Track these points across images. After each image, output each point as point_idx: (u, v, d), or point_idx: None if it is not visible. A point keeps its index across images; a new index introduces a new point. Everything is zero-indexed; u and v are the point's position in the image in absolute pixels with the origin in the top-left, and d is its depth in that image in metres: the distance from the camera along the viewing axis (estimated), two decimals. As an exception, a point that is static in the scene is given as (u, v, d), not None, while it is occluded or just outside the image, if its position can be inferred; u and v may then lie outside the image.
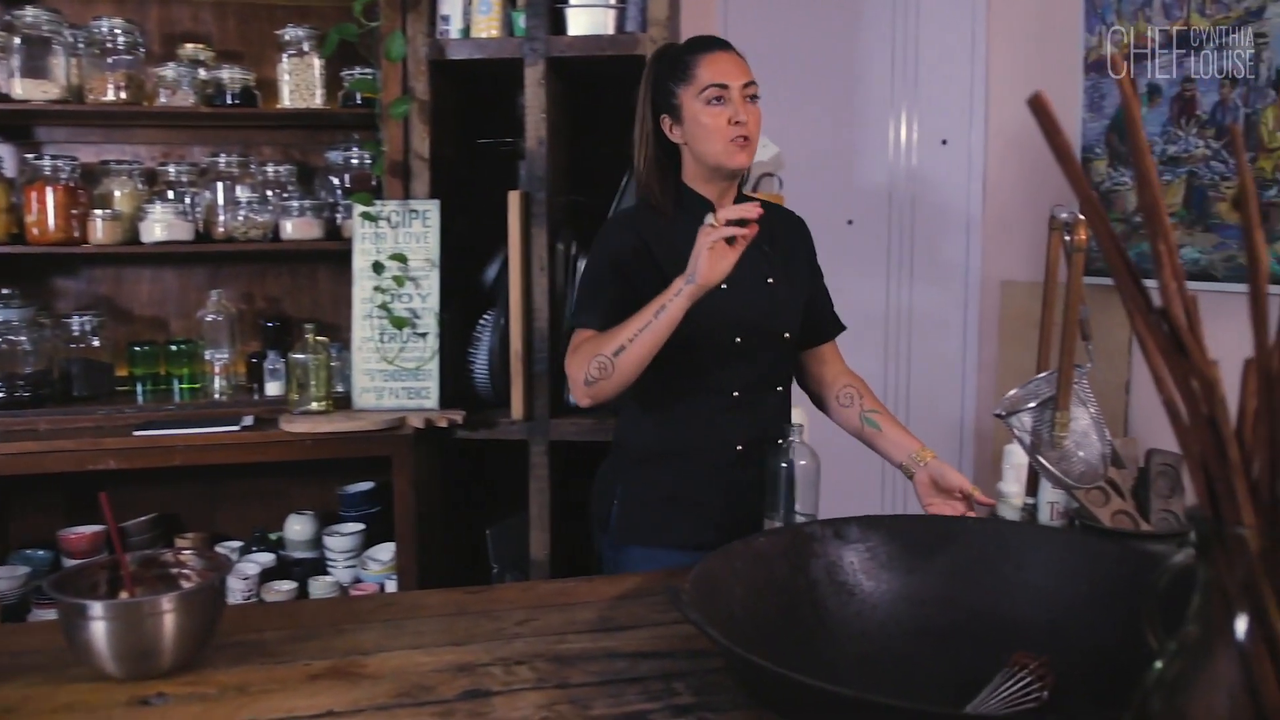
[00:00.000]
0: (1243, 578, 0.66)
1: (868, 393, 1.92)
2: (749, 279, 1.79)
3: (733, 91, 1.74)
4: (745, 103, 1.75)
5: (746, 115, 1.74)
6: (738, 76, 1.75)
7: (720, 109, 1.74)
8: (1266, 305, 0.67)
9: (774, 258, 1.85)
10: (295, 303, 3.00)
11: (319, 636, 1.31)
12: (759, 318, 1.80)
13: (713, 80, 1.74)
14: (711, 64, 1.76)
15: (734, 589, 1.32)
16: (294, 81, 2.72)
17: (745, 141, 1.74)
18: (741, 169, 1.79)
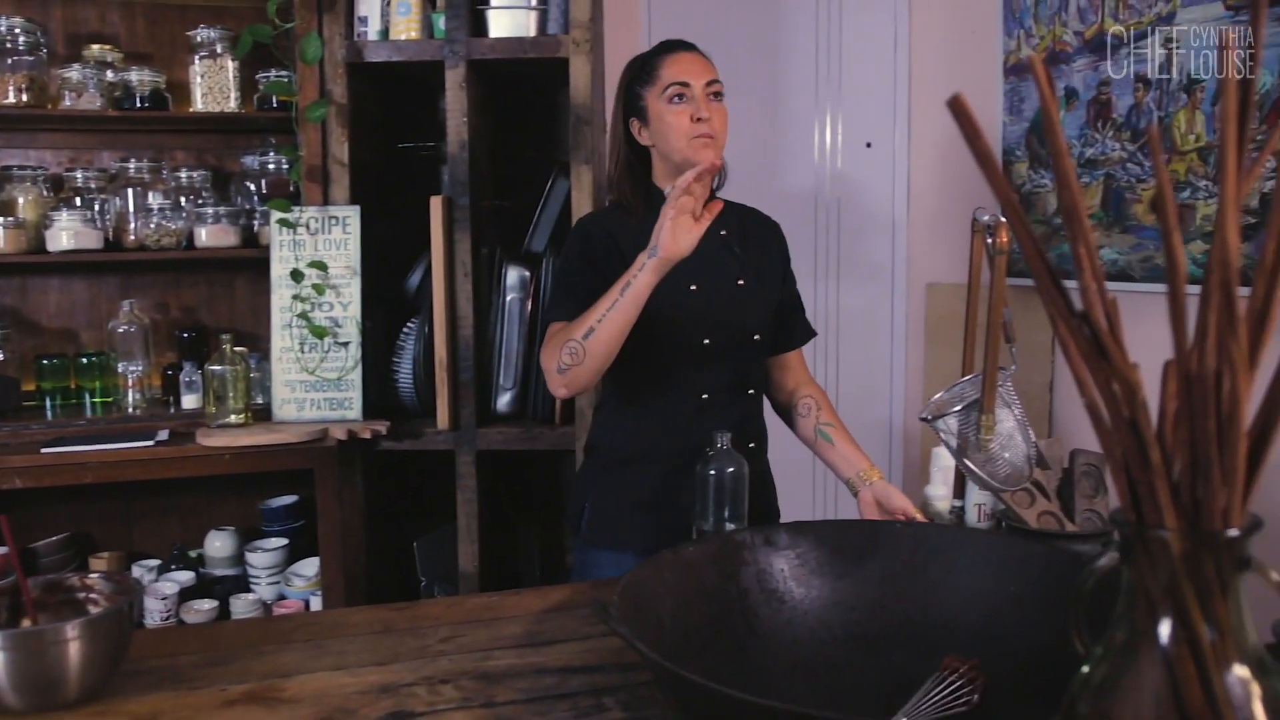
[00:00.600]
0: (1165, 580, 0.66)
1: (826, 405, 1.93)
2: (719, 279, 1.80)
3: (694, 89, 1.75)
4: (709, 100, 1.76)
5: (710, 113, 1.75)
6: (700, 75, 1.76)
7: (682, 107, 1.75)
8: (1185, 307, 0.67)
9: (745, 259, 1.85)
10: (212, 312, 2.91)
11: (236, 660, 1.26)
12: (729, 318, 1.80)
13: (674, 79, 1.76)
14: (673, 64, 1.78)
15: (663, 600, 1.31)
16: (207, 84, 2.63)
17: (710, 139, 1.75)
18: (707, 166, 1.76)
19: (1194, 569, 0.66)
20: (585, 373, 1.62)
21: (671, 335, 1.75)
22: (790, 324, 1.95)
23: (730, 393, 1.82)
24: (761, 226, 1.96)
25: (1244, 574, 0.67)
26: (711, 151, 1.75)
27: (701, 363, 1.78)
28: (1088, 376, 0.71)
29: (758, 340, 1.83)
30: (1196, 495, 0.67)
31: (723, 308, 1.79)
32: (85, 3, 2.75)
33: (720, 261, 1.82)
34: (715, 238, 1.80)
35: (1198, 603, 0.65)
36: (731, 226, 1.87)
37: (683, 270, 1.71)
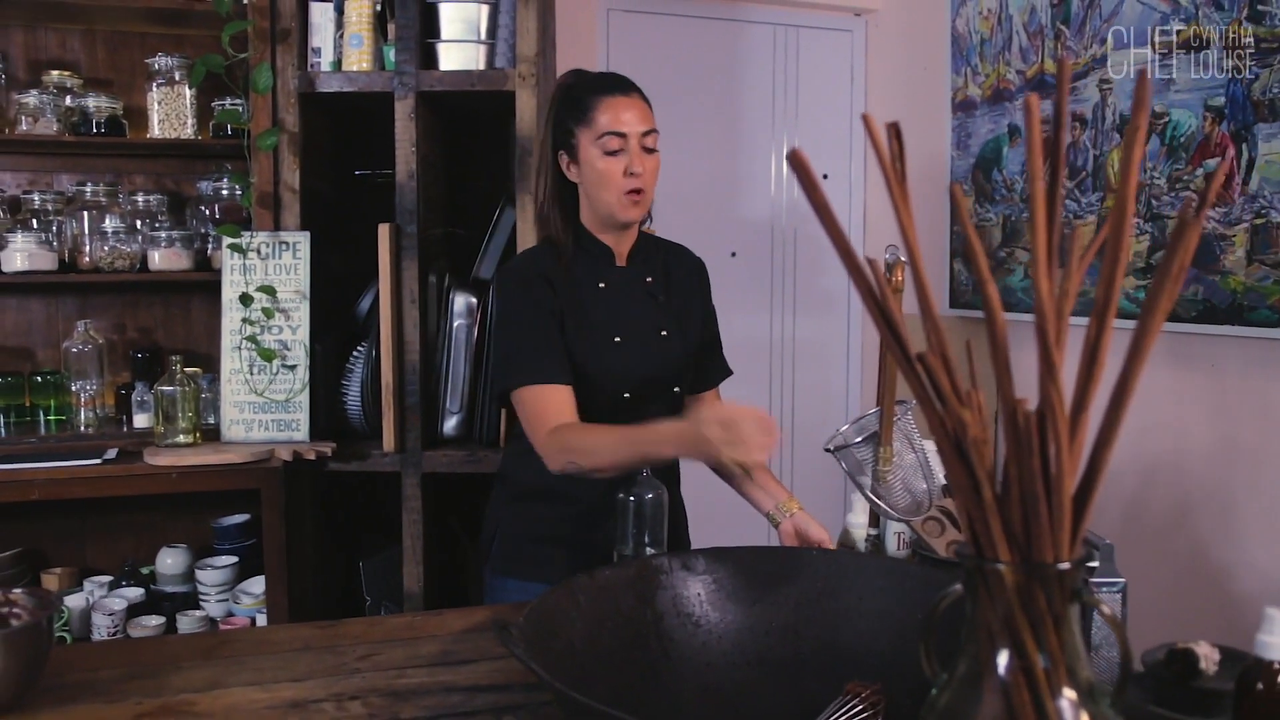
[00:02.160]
0: (1002, 612, 0.70)
1: None
2: (642, 331, 1.78)
3: (630, 141, 1.69)
4: (642, 153, 1.70)
5: (642, 166, 1.69)
6: (637, 125, 1.69)
7: (616, 160, 1.69)
8: (1007, 351, 0.71)
9: (669, 307, 1.82)
10: (168, 334, 2.95)
11: (155, 675, 1.30)
12: (650, 372, 1.78)
13: (610, 128, 1.68)
14: (611, 109, 1.69)
15: (575, 622, 1.34)
16: (164, 111, 2.68)
17: (639, 195, 1.70)
18: (629, 222, 1.75)
19: (1027, 601, 0.69)
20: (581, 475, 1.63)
21: (592, 387, 1.72)
22: (707, 365, 1.91)
23: None
24: (685, 268, 1.90)
25: (1076, 605, 0.72)
26: (640, 209, 1.72)
27: (620, 413, 1.74)
28: (929, 415, 0.75)
29: (676, 391, 1.82)
30: (1029, 530, 0.71)
31: (644, 361, 1.77)
32: (47, 29, 2.80)
33: (644, 312, 1.79)
34: (640, 285, 1.80)
35: (1031, 633, 0.69)
36: (657, 271, 1.84)
37: (607, 322, 1.74)
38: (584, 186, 1.75)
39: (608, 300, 1.76)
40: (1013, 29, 3.02)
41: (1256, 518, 2.28)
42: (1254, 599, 2.27)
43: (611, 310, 1.76)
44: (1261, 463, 2.27)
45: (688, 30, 3.74)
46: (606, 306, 1.76)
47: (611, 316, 1.75)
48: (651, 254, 1.84)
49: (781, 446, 4.00)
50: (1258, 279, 2.22)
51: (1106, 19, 2.64)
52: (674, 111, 3.74)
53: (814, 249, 3.97)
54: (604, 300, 1.76)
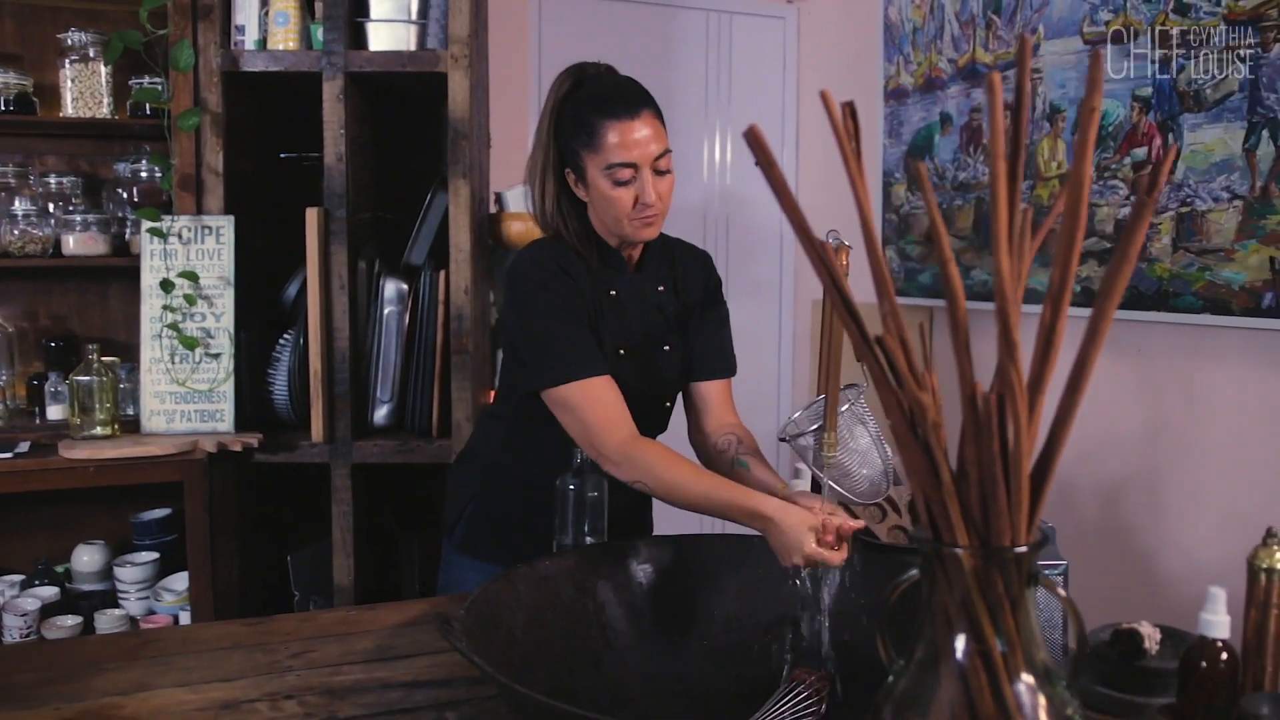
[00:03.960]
0: (960, 596, 0.69)
1: (748, 439, 1.74)
2: (648, 345, 1.70)
3: (641, 170, 1.56)
4: (654, 178, 1.57)
5: (655, 194, 1.57)
6: (649, 152, 1.56)
7: (625, 189, 1.57)
8: (967, 334, 0.70)
9: (675, 319, 1.74)
10: (84, 322, 2.84)
11: (77, 678, 1.24)
12: (647, 388, 1.70)
13: (619, 159, 1.55)
14: (619, 134, 1.55)
15: (516, 614, 1.32)
16: (78, 89, 2.57)
17: (655, 218, 1.60)
18: (644, 241, 1.66)
19: (985, 584, 0.69)
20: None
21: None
22: (714, 357, 1.79)
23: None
24: (694, 270, 1.79)
25: (1033, 588, 0.71)
26: (653, 230, 1.62)
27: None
28: (886, 399, 0.74)
29: (668, 406, 1.77)
30: (987, 514, 0.70)
31: (644, 376, 1.70)
32: (-52, 1, 2.67)
33: (651, 325, 1.70)
34: (651, 295, 1.72)
35: (989, 617, 0.68)
36: (667, 278, 1.74)
37: (614, 332, 1.66)
38: (594, 208, 1.65)
39: (617, 309, 1.68)
40: (945, 18, 3.04)
41: (1182, 500, 2.33)
42: (1180, 579, 2.33)
43: (620, 320, 1.68)
44: (1187, 446, 2.32)
45: (620, 15, 3.71)
46: (615, 316, 1.68)
47: (619, 327, 1.67)
48: (662, 258, 1.75)
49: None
50: (1183, 266, 2.27)
51: (1037, 9, 2.67)
52: (607, 97, 3.72)
53: (747, 237, 3.97)
54: (613, 309, 1.68)
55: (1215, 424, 2.26)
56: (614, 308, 1.68)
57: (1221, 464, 2.25)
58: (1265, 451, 2.15)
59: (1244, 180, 2.13)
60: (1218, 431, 2.26)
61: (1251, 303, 2.13)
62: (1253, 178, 2.12)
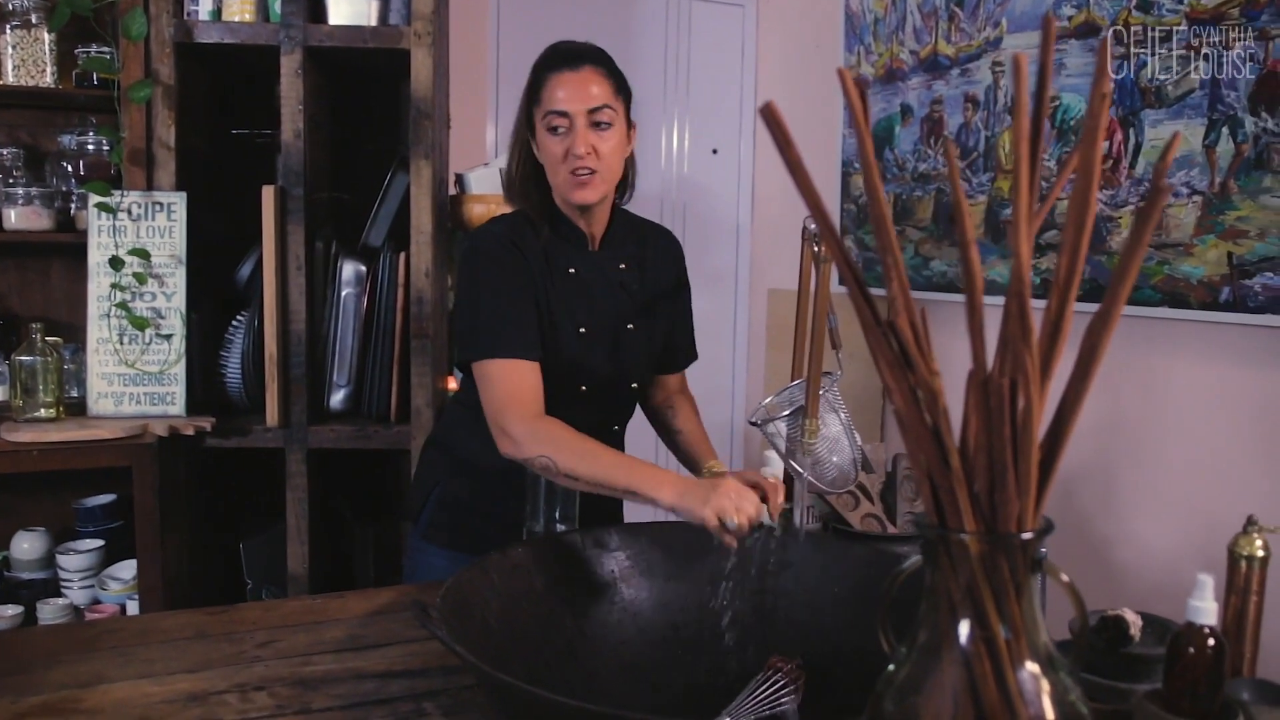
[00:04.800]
0: (965, 582, 0.68)
1: (688, 409, 1.87)
2: (609, 323, 1.70)
3: (576, 120, 1.56)
4: (590, 130, 1.57)
5: (588, 146, 1.57)
6: (581, 102, 1.57)
7: (558, 140, 1.58)
8: (982, 319, 0.69)
9: (639, 298, 1.74)
10: (25, 300, 2.74)
11: (33, 669, 1.19)
12: (610, 368, 1.71)
13: (552, 107, 1.57)
14: (556, 86, 1.58)
15: (490, 602, 1.29)
16: (19, 56, 2.46)
17: (590, 175, 1.58)
18: (584, 204, 1.63)
19: (991, 571, 0.68)
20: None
21: (553, 380, 1.62)
22: (676, 347, 1.84)
23: (596, 430, 1.67)
24: (662, 251, 1.80)
25: (1035, 575, 0.71)
26: (591, 190, 1.60)
27: (575, 405, 1.65)
28: (894, 384, 0.73)
29: (634, 388, 1.76)
30: (995, 501, 0.69)
31: (606, 356, 1.70)
32: (-119, -39, 2.54)
33: (613, 304, 1.70)
34: (612, 273, 1.71)
35: (994, 603, 0.68)
36: (631, 257, 1.74)
37: (574, 311, 1.66)
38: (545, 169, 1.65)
39: (577, 287, 1.67)
40: (907, 9, 3.05)
41: (1137, 490, 2.36)
42: (1134, 569, 2.36)
43: (579, 298, 1.67)
44: (1143, 438, 2.35)
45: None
46: (575, 294, 1.67)
47: (579, 305, 1.67)
48: (627, 237, 1.74)
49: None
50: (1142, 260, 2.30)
51: (1000, 3, 2.68)
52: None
53: (704, 225, 3.96)
54: (573, 287, 1.67)
55: (1171, 416, 2.30)
56: (574, 286, 1.67)
57: (1177, 456, 2.28)
58: (1220, 444, 2.19)
59: (1204, 176, 2.16)
60: (1173, 424, 2.29)
61: (1209, 297, 2.16)
62: (1212, 174, 2.14)
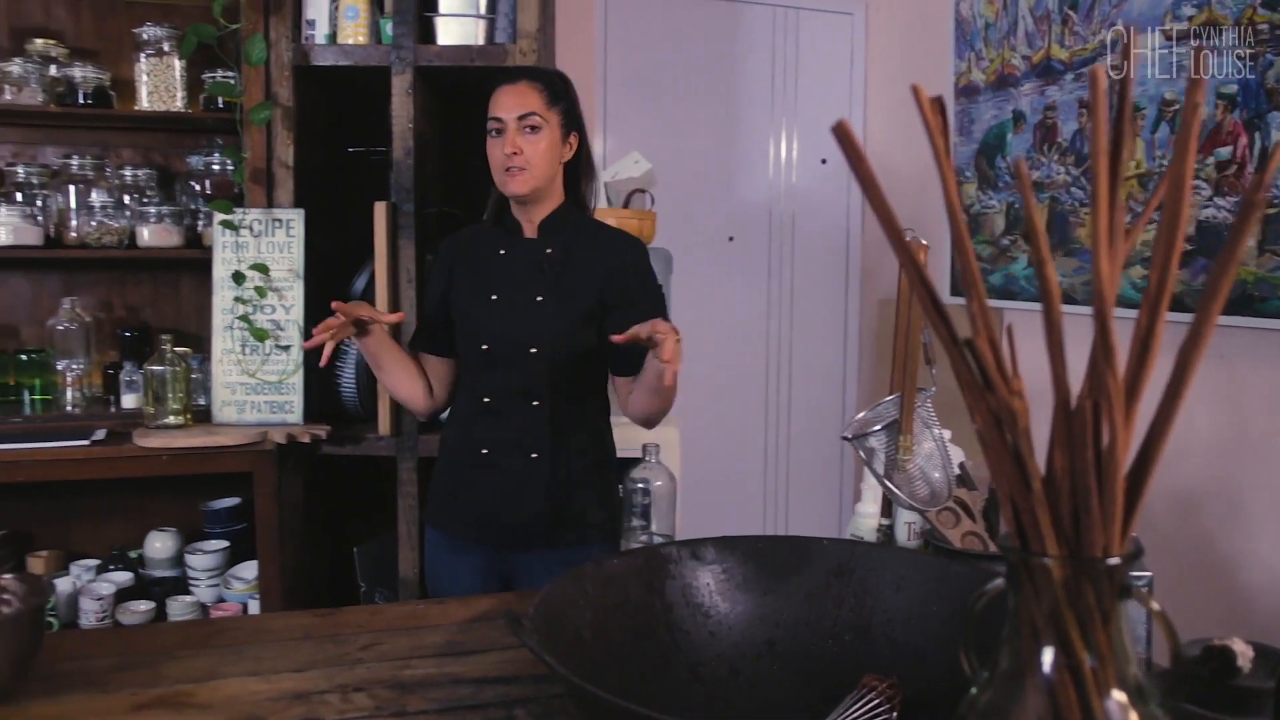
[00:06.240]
0: (1048, 607, 0.67)
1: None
2: (519, 293, 1.89)
3: (507, 125, 1.83)
4: (522, 134, 1.83)
5: (517, 147, 1.83)
6: (513, 110, 1.83)
7: (496, 141, 1.85)
8: (1062, 337, 0.68)
9: (558, 278, 1.89)
10: (157, 312, 2.89)
11: (150, 664, 1.25)
12: (511, 331, 1.88)
13: (491, 114, 1.85)
14: (496, 99, 1.86)
15: (584, 612, 1.31)
16: (153, 82, 2.61)
17: (519, 171, 1.83)
18: (516, 197, 1.87)
19: (1075, 596, 0.66)
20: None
21: (463, 337, 1.94)
22: (631, 350, 1.87)
23: (510, 400, 1.90)
24: (603, 250, 1.94)
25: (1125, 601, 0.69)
26: (519, 183, 1.84)
27: (483, 370, 1.91)
28: (973, 404, 0.72)
29: (534, 354, 1.87)
30: (1079, 524, 0.68)
31: (509, 320, 1.89)
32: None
33: (529, 278, 1.90)
34: (538, 256, 1.91)
35: (1078, 630, 0.66)
36: (561, 245, 1.92)
37: (491, 282, 1.92)
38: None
39: (502, 266, 1.92)
40: (1018, 13, 2.98)
41: (1264, 510, 2.26)
42: (1261, 591, 2.26)
43: (501, 274, 1.92)
44: (1270, 454, 2.25)
45: (687, 10, 3.70)
46: (498, 271, 1.92)
47: (497, 278, 1.92)
48: (566, 231, 1.93)
49: (780, 433, 3.98)
50: (1269, 269, 2.20)
51: (1116, 4, 2.60)
52: (671, 93, 3.70)
53: (813, 235, 3.94)
54: (499, 266, 1.93)
55: (1300, 431, 2.19)
56: (500, 265, 1.93)
57: (1306, 473, 2.18)
58: (1353, 461, 2.08)
59: (1335, 180, 2.06)
60: (1302, 439, 2.19)
61: (1341, 307, 2.06)
62: (1344, 177, 2.04)
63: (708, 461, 3.53)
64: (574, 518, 1.90)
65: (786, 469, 3.97)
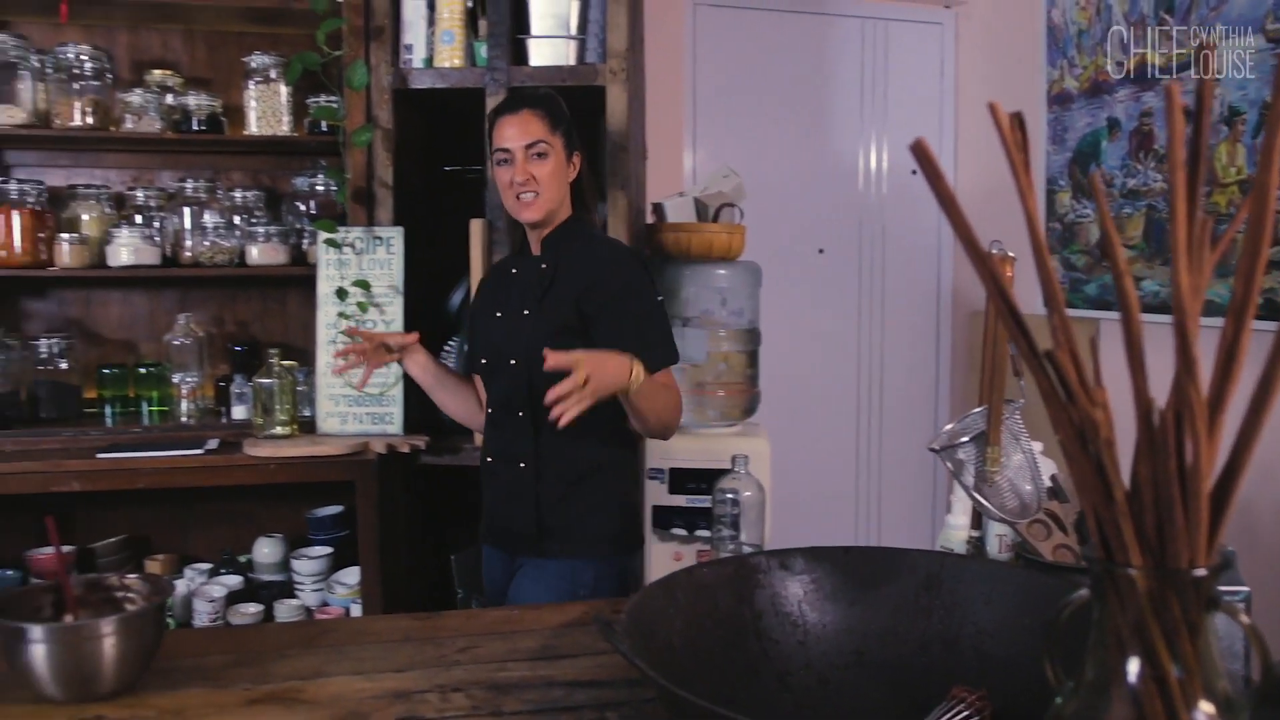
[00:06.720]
0: (1133, 618, 0.67)
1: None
2: (513, 308, 1.95)
3: (515, 154, 1.87)
4: (531, 161, 1.87)
5: (527, 174, 1.86)
6: (519, 140, 1.86)
7: (504, 169, 1.89)
8: (1142, 349, 0.68)
9: (545, 291, 1.91)
10: (265, 327, 3.01)
11: (261, 662, 1.32)
12: (497, 344, 1.95)
13: (497, 145, 1.89)
14: (500, 129, 1.89)
15: (674, 620, 1.33)
16: (261, 108, 2.74)
17: (533, 199, 1.87)
18: (530, 222, 1.91)
19: (1160, 608, 0.67)
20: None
21: (473, 353, 2.04)
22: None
23: (503, 411, 1.95)
24: (591, 262, 1.93)
25: (1214, 614, 0.68)
26: (532, 210, 1.88)
27: (487, 382, 2.00)
28: (1054, 415, 0.73)
29: (514, 365, 1.90)
30: (1163, 534, 0.68)
31: (500, 334, 1.96)
32: (148, 30, 2.88)
33: (523, 292, 1.95)
34: (535, 270, 1.94)
35: (1164, 641, 0.66)
36: (553, 259, 1.93)
37: (499, 296, 2.00)
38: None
39: (510, 283, 1.99)
40: (1112, 18, 2.93)
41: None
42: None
43: (507, 291, 1.99)
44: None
45: (775, 24, 3.71)
46: (506, 288, 1.99)
47: (503, 295, 1.99)
48: (565, 246, 1.94)
49: (871, 445, 3.96)
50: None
51: (1214, 6, 2.55)
52: (759, 107, 3.72)
53: (903, 247, 3.91)
54: (508, 283, 2.00)
55: None
56: (510, 281, 1.99)
57: None
58: None
59: None
60: None
61: None
62: None
63: (798, 473, 3.53)
64: (561, 529, 1.90)
65: (878, 480, 3.94)
